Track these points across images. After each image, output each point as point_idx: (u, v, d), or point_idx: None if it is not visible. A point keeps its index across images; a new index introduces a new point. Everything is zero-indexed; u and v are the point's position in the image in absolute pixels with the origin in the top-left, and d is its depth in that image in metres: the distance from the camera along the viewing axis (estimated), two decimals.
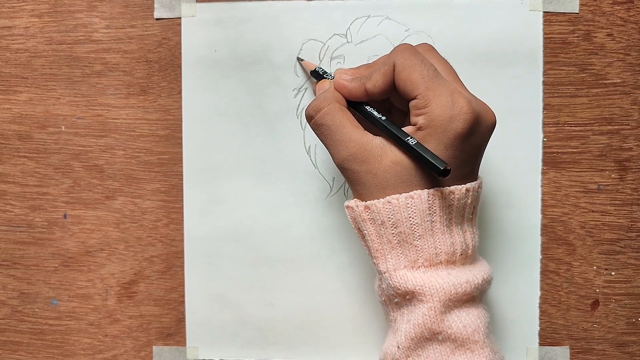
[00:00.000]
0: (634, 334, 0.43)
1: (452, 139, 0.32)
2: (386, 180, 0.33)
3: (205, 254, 0.44)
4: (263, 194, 0.43)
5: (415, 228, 0.33)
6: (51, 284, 0.45)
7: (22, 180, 0.45)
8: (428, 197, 0.32)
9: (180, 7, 0.43)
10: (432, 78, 0.32)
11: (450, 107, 0.32)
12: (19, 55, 0.44)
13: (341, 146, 0.34)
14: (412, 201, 0.32)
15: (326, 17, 0.42)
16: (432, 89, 0.32)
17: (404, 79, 0.33)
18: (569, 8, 0.42)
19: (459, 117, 0.32)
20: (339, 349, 0.44)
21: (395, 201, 0.33)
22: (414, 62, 0.33)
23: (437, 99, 0.32)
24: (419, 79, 0.32)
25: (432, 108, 0.32)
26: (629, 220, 0.42)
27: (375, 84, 0.34)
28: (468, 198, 0.34)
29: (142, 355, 0.45)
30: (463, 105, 0.32)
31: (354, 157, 0.34)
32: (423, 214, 0.32)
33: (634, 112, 0.42)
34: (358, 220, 0.35)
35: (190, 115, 0.44)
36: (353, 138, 0.34)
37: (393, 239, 0.33)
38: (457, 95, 0.32)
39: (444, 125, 0.32)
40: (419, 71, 0.32)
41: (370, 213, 0.34)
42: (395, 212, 0.33)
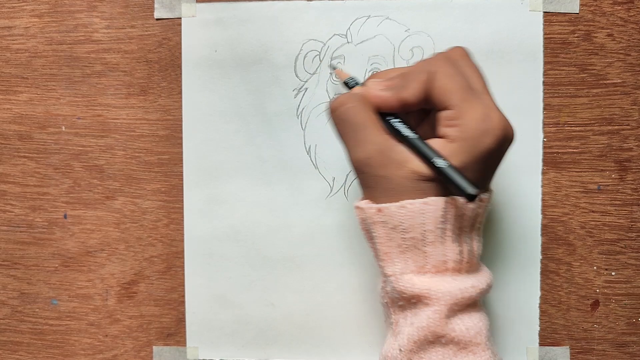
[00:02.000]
0: (634, 334, 0.43)
1: (482, 154, 0.31)
2: (403, 186, 0.32)
3: (205, 254, 0.44)
4: (263, 194, 0.43)
5: (427, 234, 0.32)
6: (51, 284, 0.45)
7: (22, 180, 0.45)
8: (444, 204, 0.32)
9: (180, 7, 0.43)
10: (468, 90, 0.32)
11: (483, 121, 0.31)
12: (19, 55, 0.44)
13: (361, 147, 0.33)
14: (427, 207, 0.32)
15: (326, 17, 0.42)
16: (467, 101, 0.31)
17: (439, 88, 0.32)
18: (569, 8, 0.42)
19: (491, 133, 0.31)
20: (339, 349, 0.44)
21: (410, 206, 0.32)
22: (451, 72, 0.32)
23: (471, 112, 0.31)
24: (454, 89, 0.31)
25: (466, 121, 0.31)
26: (629, 221, 0.42)
27: (414, 92, 0.33)
28: (481, 208, 0.33)
29: (142, 355, 0.45)
30: (496, 121, 0.31)
31: (372, 160, 0.33)
32: (436, 221, 0.32)
33: (634, 113, 0.42)
34: (368, 221, 0.34)
35: (190, 115, 0.44)
36: (375, 141, 0.33)
37: (403, 243, 0.33)
38: (491, 110, 0.31)
39: (476, 139, 0.31)
40: (455, 82, 0.32)
41: (382, 216, 0.33)
42: (409, 218, 0.32)
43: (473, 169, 0.31)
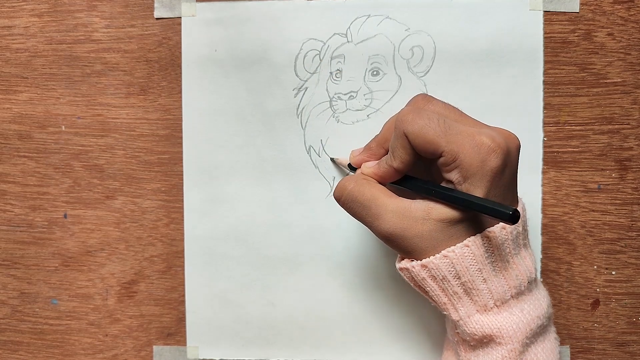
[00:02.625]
0: (635, 334, 0.43)
1: (492, 179, 0.31)
2: (436, 239, 0.32)
3: (205, 254, 0.44)
4: (263, 194, 0.43)
5: (478, 274, 0.32)
6: (51, 284, 0.45)
7: (22, 180, 0.45)
8: (482, 240, 0.32)
9: (180, 7, 0.43)
10: (447, 131, 0.32)
11: (477, 152, 0.31)
12: (19, 55, 0.44)
13: (380, 220, 0.33)
14: (468, 250, 0.32)
15: (326, 16, 0.42)
16: (453, 142, 0.31)
17: (422, 144, 0.32)
18: (569, 7, 0.42)
19: (490, 156, 0.31)
20: (339, 348, 0.44)
21: (452, 254, 0.32)
22: (423, 124, 0.32)
23: (462, 149, 0.31)
24: (435, 137, 0.31)
25: (462, 159, 0.31)
26: (629, 220, 0.42)
27: (402, 160, 0.33)
28: (519, 226, 0.33)
29: (142, 354, 0.45)
30: (488, 143, 0.31)
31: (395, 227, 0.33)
32: (482, 259, 0.32)
33: (634, 112, 0.42)
34: (417, 279, 0.34)
35: (190, 115, 0.44)
36: (390, 208, 0.33)
37: (458, 289, 0.33)
38: (477, 137, 0.31)
39: (480, 170, 0.31)
40: (432, 131, 0.32)
41: (428, 271, 0.33)
42: (455, 264, 0.32)
43: (494, 195, 0.31)
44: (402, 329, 0.43)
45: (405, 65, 0.42)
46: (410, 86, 0.42)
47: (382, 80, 0.42)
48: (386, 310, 0.43)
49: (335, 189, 0.35)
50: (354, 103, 0.42)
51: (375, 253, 0.43)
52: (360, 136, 0.43)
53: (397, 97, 0.42)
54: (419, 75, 0.42)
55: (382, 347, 0.43)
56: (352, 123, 0.43)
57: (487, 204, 0.30)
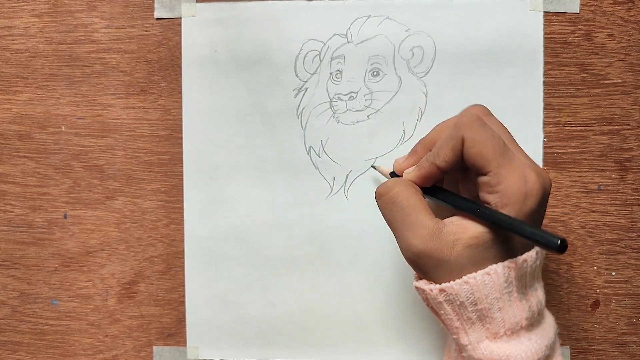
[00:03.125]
0: (635, 334, 0.43)
1: (527, 215, 0.31)
2: (460, 265, 0.32)
3: (205, 254, 0.44)
4: (263, 194, 0.43)
5: (495, 302, 0.32)
6: (51, 284, 0.45)
7: (22, 180, 0.45)
8: (503, 270, 0.32)
9: (180, 7, 0.43)
10: (504, 154, 0.31)
11: (524, 184, 0.31)
12: (19, 55, 0.44)
13: (413, 232, 0.33)
14: (489, 277, 0.32)
15: (326, 17, 0.42)
16: (504, 166, 0.31)
17: (475, 155, 0.31)
18: (569, 8, 0.42)
19: (532, 193, 0.31)
20: (339, 348, 0.44)
21: (472, 280, 0.32)
22: (485, 137, 0.31)
23: (510, 177, 0.31)
24: (491, 155, 0.31)
25: (507, 186, 0.31)
26: (629, 221, 0.42)
27: (445, 159, 0.33)
28: (538, 260, 0.33)
29: (142, 355, 0.45)
30: (535, 181, 0.31)
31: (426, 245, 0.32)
32: (501, 288, 0.32)
33: (634, 112, 0.42)
34: (432, 302, 0.34)
35: (190, 115, 0.44)
36: (427, 224, 0.32)
37: (473, 315, 0.32)
38: (528, 171, 0.31)
39: (520, 203, 0.31)
40: (490, 146, 0.31)
41: (446, 295, 0.33)
42: (474, 291, 0.32)
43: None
44: (402, 329, 0.43)
45: (405, 65, 0.42)
46: (410, 87, 0.42)
47: (382, 80, 0.42)
48: (386, 310, 0.43)
49: (381, 186, 0.34)
50: (354, 104, 0.42)
51: (375, 253, 0.43)
52: (361, 136, 0.43)
53: (397, 97, 0.42)
54: (419, 75, 0.42)
55: (382, 347, 0.43)
56: (352, 123, 0.43)
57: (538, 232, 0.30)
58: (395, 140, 0.43)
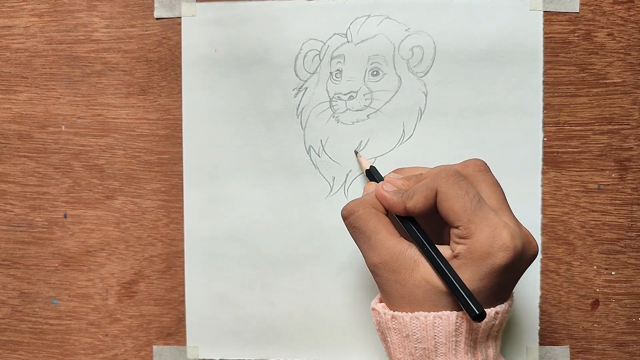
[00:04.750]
0: (634, 334, 0.43)
1: (488, 273, 0.32)
2: (414, 295, 0.33)
3: (205, 254, 0.44)
4: (263, 194, 0.43)
5: (439, 346, 0.32)
6: (51, 284, 0.45)
7: (22, 180, 0.45)
8: (456, 319, 0.32)
9: (180, 7, 0.43)
10: (475, 211, 0.32)
11: (489, 243, 0.31)
12: (19, 54, 0.44)
13: (373, 252, 0.34)
14: (439, 321, 0.32)
15: (326, 16, 0.42)
16: (474, 222, 0.32)
17: (446, 208, 0.32)
18: (569, 7, 0.42)
19: (498, 253, 0.31)
20: (339, 349, 0.44)
21: (423, 318, 0.32)
22: (457, 193, 0.32)
23: (478, 233, 0.31)
24: (461, 211, 0.32)
25: (472, 241, 0.32)
26: (629, 220, 0.42)
27: (416, 205, 0.34)
28: (496, 320, 0.33)
29: (142, 354, 0.45)
30: (505, 240, 0.31)
31: (384, 264, 0.34)
32: (449, 335, 0.32)
33: (634, 112, 0.42)
34: (383, 326, 0.35)
35: (190, 115, 0.44)
36: (386, 245, 0.34)
37: (415, 352, 0.33)
38: (500, 230, 0.31)
39: (481, 260, 0.31)
40: (461, 203, 0.32)
41: (396, 323, 0.33)
42: (422, 329, 0.32)
43: (480, 286, 0.32)
44: None
45: (405, 65, 0.42)
46: (410, 86, 0.42)
47: (382, 80, 0.42)
48: None
49: (345, 208, 0.36)
50: (354, 103, 0.42)
51: None
52: (361, 136, 0.43)
53: (397, 97, 0.42)
54: (419, 75, 0.42)
55: (382, 347, 0.43)
56: (352, 123, 0.43)
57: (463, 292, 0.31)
58: (395, 140, 0.43)
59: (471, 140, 0.42)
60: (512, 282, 0.34)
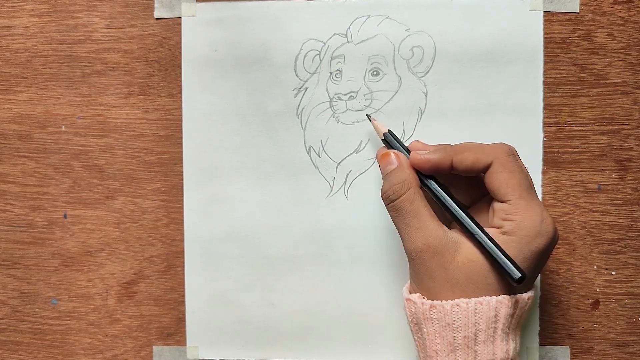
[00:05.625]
0: (635, 334, 0.43)
1: (534, 253, 0.32)
2: (457, 278, 0.33)
3: (205, 254, 0.44)
4: (263, 194, 0.43)
5: (479, 334, 0.32)
6: (51, 284, 0.45)
7: (22, 180, 0.45)
8: (496, 304, 0.32)
9: (180, 7, 0.43)
10: (528, 189, 0.33)
11: (540, 223, 0.32)
12: (19, 55, 0.44)
13: (417, 233, 0.34)
14: (480, 307, 0.32)
15: (326, 16, 0.42)
16: (524, 199, 0.32)
17: (500, 181, 0.33)
18: (569, 8, 0.42)
19: (545, 235, 0.32)
20: (339, 348, 0.44)
21: (464, 305, 0.32)
22: (515, 168, 0.33)
23: (528, 211, 0.32)
24: (516, 186, 0.32)
25: (523, 218, 0.32)
26: (629, 220, 0.42)
27: (464, 161, 0.34)
28: (527, 306, 0.34)
29: (142, 355, 0.45)
30: (550, 225, 0.32)
31: (427, 247, 0.33)
32: (489, 321, 0.32)
33: (634, 112, 0.42)
34: (420, 317, 0.34)
35: (190, 115, 0.44)
36: (430, 227, 0.33)
37: (454, 341, 0.33)
38: (546, 214, 0.33)
39: (530, 238, 0.32)
40: (518, 178, 0.32)
41: (435, 312, 0.33)
42: (464, 316, 0.32)
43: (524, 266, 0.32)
44: (402, 328, 0.43)
45: (405, 65, 0.42)
46: (410, 86, 0.42)
47: (382, 80, 0.42)
48: (386, 310, 0.43)
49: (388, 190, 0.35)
50: (354, 103, 0.42)
51: (375, 253, 0.43)
52: (361, 136, 0.43)
53: (397, 97, 0.42)
54: (419, 75, 0.42)
55: (382, 347, 0.43)
56: (352, 123, 0.43)
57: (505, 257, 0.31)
58: None
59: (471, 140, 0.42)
60: (539, 270, 0.34)
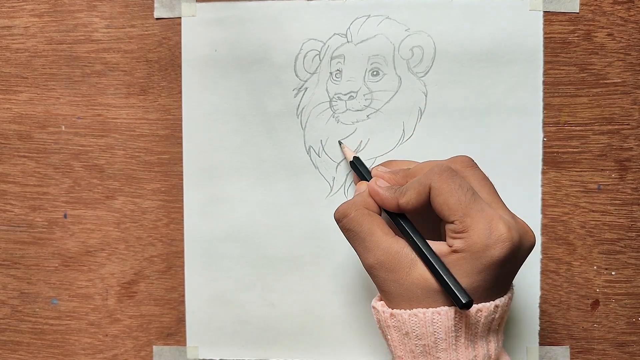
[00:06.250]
0: (634, 334, 0.43)
1: (487, 266, 0.32)
2: (412, 292, 0.33)
3: (205, 254, 0.44)
4: (263, 194, 0.43)
5: (439, 342, 0.32)
6: (51, 284, 0.45)
7: (22, 180, 0.45)
8: (455, 314, 0.32)
9: (180, 7, 0.43)
10: (470, 204, 0.32)
11: (487, 235, 0.31)
12: (19, 55, 0.44)
13: (368, 253, 0.34)
14: (438, 317, 0.32)
15: (326, 16, 0.42)
16: (469, 215, 0.32)
17: (440, 204, 0.32)
18: (569, 8, 0.42)
19: (496, 245, 0.31)
20: (339, 349, 0.44)
21: (421, 315, 0.32)
22: (451, 187, 0.32)
23: (474, 226, 0.31)
24: (456, 205, 0.32)
25: (470, 234, 0.32)
26: (629, 220, 0.42)
27: (409, 201, 0.34)
28: (496, 313, 0.33)
29: (142, 355, 0.45)
30: (502, 232, 0.31)
31: (381, 264, 0.33)
32: (448, 330, 0.32)
33: (634, 112, 0.42)
34: (382, 324, 0.35)
35: (190, 115, 0.44)
36: (382, 246, 0.34)
37: (416, 349, 0.33)
38: (496, 222, 0.31)
39: (479, 253, 0.31)
40: (456, 197, 0.32)
41: (395, 321, 0.34)
42: (421, 326, 0.32)
43: (479, 279, 0.32)
44: None
45: (405, 65, 0.42)
46: (410, 86, 0.42)
47: (382, 80, 0.42)
48: None
49: (337, 210, 0.36)
50: (354, 103, 0.42)
51: None
52: (361, 136, 0.43)
53: (397, 97, 0.42)
54: (419, 75, 0.42)
55: (382, 347, 0.43)
56: (352, 123, 0.43)
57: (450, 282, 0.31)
58: (395, 140, 0.43)
59: (471, 141, 0.42)
60: (511, 275, 0.34)
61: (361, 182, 0.39)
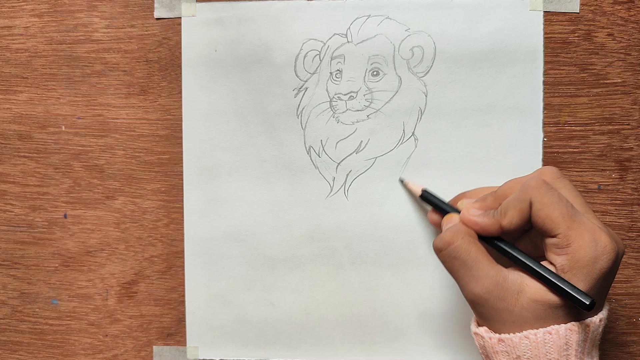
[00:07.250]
0: (635, 334, 0.43)
1: (597, 279, 0.31)
2: (523, 318, 0.32)
3: (205, 254, 0.44)
4: (263, 194, 0.43)
5: None
6: (51, 284, 0.45)
7: (22, 180, 0.45)
8: (565, 332, 0.32)
9: (180, 7, 0.43)
10: (572, 216, 0.31)
11: (594, 247, 0.31)
12: (19, 55, 0.44)
13: (476, 282, 0.33)
14: (550, 337, 0.32)
15: (326, 16, 0.42)
16: (573, 229, 0.31)
17: (543, 218, 0.32)
18: (569, 8, 0.42)
19: (603, 257, 0.31)
20: (339, 348, 0.44)
21: (533, 337, 0.32)
22: (552, 200, 0.32)
23: (579, 239, 0.31)
24: (559, 218, 0.31)
25: (575, 248, 0.31)
26: (629, 220, 0.42)
27: (512, 221, 0.33)
28: (600, 327, 0.33)
29: (142, 355, 0.45)
30: (607, 243, 0.31)
31: (489, 293, 0.33)
32: (560, 350, 0.32)
33: (634, 112, 0.42)
34: (489, 350, 0.34)
35: (190, 115, 0.44)
36: (489, 275, 0.33)
37: None
38: (598, 234, 0.31)
39: (589, 267, 0.31)
40: (558, 210, 0.31)
41: (504, 346, 0.33)
42: (533, 348, 0.32)
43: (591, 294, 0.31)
44: (402, 329, 0.43)
45: (405, 65, 0.42)
46: (410, 86, 0.42)
47: (382, 80, 0.42)
48: (386, 310, 0.43)
49: (441, 239, 0.35)
50: (354, 103, 0.42)
51: (375, 253, 0.43)
52: (361, 136, 0.43)
53: (397, 97, 0.42)
54: (419, 75, 0.42)
55: (382, 347, 0.43)
56: (352, 123, 0.43)
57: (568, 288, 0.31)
58: (395, 140, 0.43)
59: (471, 141, 0.42)
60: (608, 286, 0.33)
61: (449, 215, 0.38)
